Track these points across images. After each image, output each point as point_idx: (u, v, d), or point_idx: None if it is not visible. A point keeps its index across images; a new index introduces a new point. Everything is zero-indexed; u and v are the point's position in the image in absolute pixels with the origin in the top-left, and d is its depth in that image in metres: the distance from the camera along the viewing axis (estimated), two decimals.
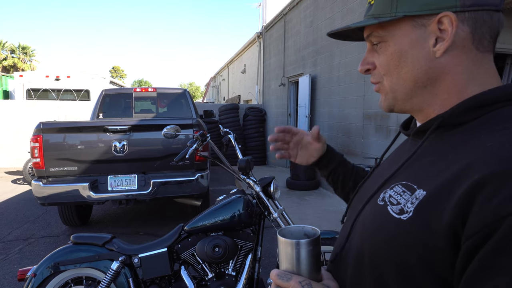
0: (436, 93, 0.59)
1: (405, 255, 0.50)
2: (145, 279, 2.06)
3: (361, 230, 0.61)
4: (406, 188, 0.55)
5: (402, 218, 0.52)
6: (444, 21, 0.55)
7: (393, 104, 0.64)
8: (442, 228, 0.46)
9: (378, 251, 0.55)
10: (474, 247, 0.43)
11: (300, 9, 7.84)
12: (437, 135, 0.58)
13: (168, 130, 2.43)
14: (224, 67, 20.59)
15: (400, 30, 0.58)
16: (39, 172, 3.83)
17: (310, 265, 0.61)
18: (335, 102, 6.15)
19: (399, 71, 0.60)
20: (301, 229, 0.68)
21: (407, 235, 0.50)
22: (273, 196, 2.17)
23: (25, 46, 36.32)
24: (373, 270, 0.55)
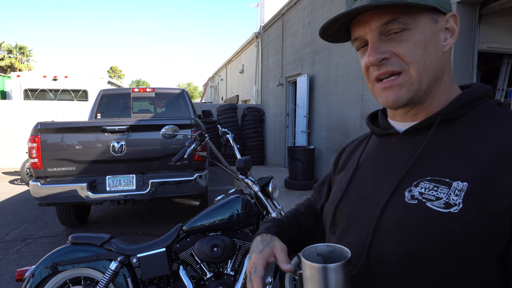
0: (439, 87, 0.63)
1: (465, 243, 0.52)
2: (144, 279, 2.06)
3: (400, 233, 0.57)
4: (438, 183, 0.56)
5: (453, 211, 0.53)
6: (451, 20, 0.61)
7: (414, 96, 0.62)
8: (500, 212, 0.50)
9: (437, 247, 0.54)
10: None
11: (298, 9, 7.85)
12: (436, 131, 0.61)
13: (166, 130, 2.43)
14: (222, 67, 20.58)
15: (422, 20, 0.60)
16: (37, 172, 3.82)
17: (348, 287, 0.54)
18: (333, 102, 6.16)
19: (425, 59, 0.60)
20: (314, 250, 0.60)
21: (464, 225, 0.52)
22: (271, 196, 2.18)
23: (22, 46, 36.19)
24: (433, 267, 0.54)
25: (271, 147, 9.84)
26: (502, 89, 4.55)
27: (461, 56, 3.47)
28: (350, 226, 0.67)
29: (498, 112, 0.59)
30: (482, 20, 3.49)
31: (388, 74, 0.61)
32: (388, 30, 0.60)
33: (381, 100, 0.64)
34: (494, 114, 0.59)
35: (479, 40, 3.50)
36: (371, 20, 0.61)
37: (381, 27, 0.60)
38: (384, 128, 0.71)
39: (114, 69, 55.50)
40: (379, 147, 0.72)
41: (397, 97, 0.62)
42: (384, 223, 0.60)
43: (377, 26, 0.60)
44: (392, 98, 0.62)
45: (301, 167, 6.42)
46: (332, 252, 0.59)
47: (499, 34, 3.74)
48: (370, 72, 0.64)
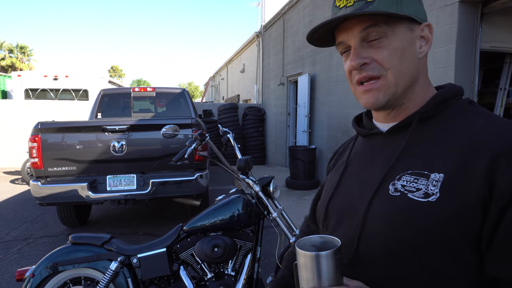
0: (415, 90, 0.69)
1: (444, 229, 0.57)
2: (144, 279, 2.06)
3: (385, 224, 0.63)
4: (418, 176, 0.62)
5: (431, 200, 0.59)
6: (425, 29, 0.67)
7: (391, 98, 0.68)
8: (472, 199, 0.56)
9: (416, 235, 0.59)
10: (504, 206, 0.54)
11: (299, 8, 7.83)
12: (415, 128, 0.67)
13: (167, 130, 2.42)
14: (223, 66, 20.57)
15: (399, 29, 0.65)
16: (37, 172, 3.82)
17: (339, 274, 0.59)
18: (334, 102, 6.15)
19: (401, 65, 0.66)
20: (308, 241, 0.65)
21: (441, 212, 0.57)
22: (272, 195, 2.17)
23: (23, 46, 36.21)
24: (414, 254, 0.59)
25: (272, 147, 9.82)
26: (504, 88, 4.53)
27: (463, 55, 3.45)
28: (341, 220, 0.73)
29: (469, 109, 0.66)
30: (484, 19, 3.47)
31: (368, 78, 0.67)
32: (369, 36, 0.65)
33: (362, 102, 0.70)
34: (465, 111, 0.66)
35: (481, 39, 3.48)
36: (354, 27, 0.66)
37: (362, 31, 0.65)
38: (368, 129, 0.77)
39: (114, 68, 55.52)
40: (365, 146, 0.78)
41: (376, 99, 0.67)
42: (370, 215, 0.65)
43: (359, 31, 0.66)
44: (371, 100, 0.68)
45: (302, 166, 6.40)
46: (324, 242, 0.63)
47: (501, 33, 3.73)
48: (353, 75, 0.69)
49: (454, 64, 3.44)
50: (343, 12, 0.65)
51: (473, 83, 3.50)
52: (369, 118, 0.80)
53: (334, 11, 0.69)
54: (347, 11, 0.65)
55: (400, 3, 0.64)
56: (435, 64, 3.66)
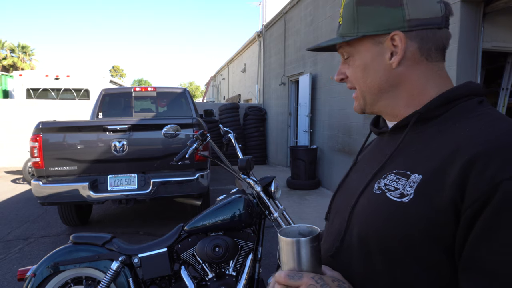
0: (399, 96, 0.70)
1: (412, 231, 0.56)
2: (145, 279, 2.05)
3: (363, 220, 0.65)
4: (400, 175, 0.63)
5: (404, 200, 0.59)
6: (396, 38, 0.66)
7: (364, 108, 0.74)
8: (443, 203, 0.54)
9: (386, 234, 0.60)
10: (474, 214, 0.51)
11: (300, 7, 7.82)
12: (414, 128, 0.67)
13: (168, 130, 2.42)
14: (224, 66, 20.57)
15: (363, 46, 0.69)
16: (38, 171, 3.82)
17: (314, 261, 0.63)
18: (336, 101, 6.14)
19: (364, 81, 0.71)
20: (296, 229, 0.70)
21: (412, 214, 0.57)
22: (273, 195, 2.16)
23: (24, 46, 36.26)
24: (383, 253, 0.61)
25: (273, 147, 9.82)
26: (506, 88, 4.52)
27: (465, 55, 3.44)
28: (337, 214, 0.77)
29: (475, 110, 0.64)
30: (486, 18, 3.46)
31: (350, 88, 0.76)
32: (343, 55, 0.74)
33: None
34: (470, 112, 0.63)
35: (483, 39, 3.47)
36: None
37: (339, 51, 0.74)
38: (380, 127, 0.79)
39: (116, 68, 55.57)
40: (375, 144, 0.81)
41: (355, 106, 0.77)
42: (355, 211, 0.68)
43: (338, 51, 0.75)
44: (354, 107, 0.77)
45: (303, 166, 6.40)
46: (310, 232, 0.68)
47: (503, 32, 3.71)
48: None
49: (456, 64, 3.43)
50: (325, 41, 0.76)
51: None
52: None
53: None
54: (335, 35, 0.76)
55: (357, 23, 0.68)
56: None
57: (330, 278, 0.63)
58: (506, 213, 0.49)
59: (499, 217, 0.49)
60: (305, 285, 0.61)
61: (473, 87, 0.67)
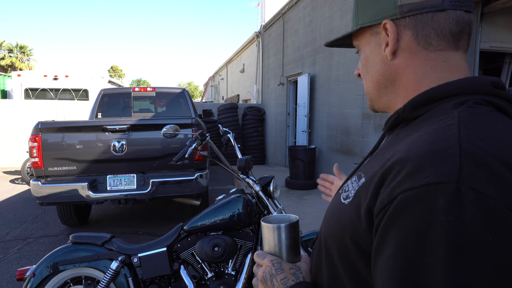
0: (397, 92, 0.64)
1: (343, 235, 0.56)
2: (145, 279, 2.06)
3: (324, 220, 0.67)
4: (357, 178, 0.60)
5: (345, 202, 0.58)
6: (388, 27, 0.60)
7: (372, 105, 0.71)
8: (364, 210, 0.51)
9: (329, 233, 0.61)
10: (377, 224, 0.48)
11: (298, 8, 7.84)
12: (396, 130, 0.64)
13: (167, 130, 2.42)
14: (223, 66, 20.56)
15: (365, 39, 0.66)
16: (37, 171, 3.82)
17: (288, 247, 0.68)
18: (334, 101, 6.15)
19: (366, 75, 0.68)
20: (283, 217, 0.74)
21: (345, 217, 0.56)
22: (272, 195, 2.17)
23: (23, 46, 36.18)
24: (325, 251, 0.62)
25: (272, 147, 9.83)
26: None
27: None
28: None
29: (444, 113, 0.54)
30: (483, 19, 3.48)
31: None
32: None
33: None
34: (444, 115, 0.54)
35: (481, 39, 3.49)
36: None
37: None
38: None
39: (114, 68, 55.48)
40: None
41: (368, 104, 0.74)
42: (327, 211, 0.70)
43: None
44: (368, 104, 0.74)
45: (302, 166, 6.41)
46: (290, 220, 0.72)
47: (500, 33, 3.73)
48: None
49: None
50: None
51: None
52: None
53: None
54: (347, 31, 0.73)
55: (357, 15, 0.66)
56: None
57: (290, 265, 0.67)
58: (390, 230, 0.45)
59: (385, 233, 0.46)
60: (264, 265, 0.68)
61: (466, 84, 0.57)
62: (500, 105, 0.55)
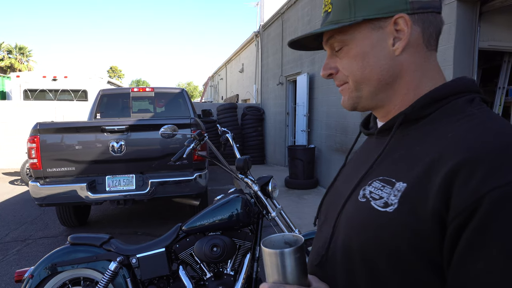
0: (397, 89, 0.64)
1: (396, 243, 0.53)
2: (143, 280, 2.06)
3: (347, 229, 0.62)
4: (385, 183, 0.59)
5: (388, 210, 0.55)
6: (400, 22, 0.60)
7: (357, 102, 0.67)
8: (428, 214, 0.50)
9: (369, 244, 0.57)
10: (460, 226, 0.47)
11: (297, 7, 7.83)
12: (401, 130, 0.63)
13: (165, 130, 2.42)
14: (222, 66, 20.56)
15: (360, 33, 0.62)
16: (36, 172, 3.81)
17: (299, 272, 0.59)
18: (333, 101, 6.15)
19: (362, 71, 0.63)
20: (281, 238, 0.66)
21: (396, 225, 0.53)
22: (271, 195, 2.17)
23: (22, 47, 36.17)
24: (365, 263, 0.57)
25: (271, 146, 9.82)
26: (503, 87, 4.54)
27: (462, 54, 3.45)
28: (326, 219, 0.72)
29: (463, 110, 0.58)
30: (482, 18, 3.47)
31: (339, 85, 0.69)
32: (333, 46, 0.66)
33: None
34: (457, 113, 0.58)
35: (480, 38, 3.49)
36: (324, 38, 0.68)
37: (326, 44, 0.67)
38: (370, 128, 0.75)
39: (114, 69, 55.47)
40: (364, 146, 0.77)
41: (344, 101, 0.69)
42: (340, 218, 0.65)
43: (325, 45, 0.68)
44: (343, 102, 0.69)
45: (301, 166, 6.40)
46: (296, 241, 0.63)
47: (499, 32, 3.73)
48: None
49: (452, 63, 3.44)
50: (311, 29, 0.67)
51: None
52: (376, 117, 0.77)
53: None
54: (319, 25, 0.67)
55: (353, 8, 0.61)
56: None
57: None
58: (490, 230, 0.44)
59: (483, 234, 0.45)
60: None
61: (465, 83, 0.61)
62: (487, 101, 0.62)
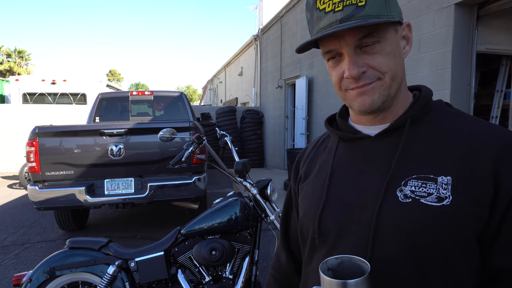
0: (401, 91, 0.69)
1: (461, 231, 0.59)
2: (142, 283, 2.05)
3: (400, 233, 0.61)
4: (425, 180, 0.62)
5: (445, 203, 0.59)
6: (406, 29, 0.68)
7: (386, 100, 0.66)
8: (483, 198, 0.58)
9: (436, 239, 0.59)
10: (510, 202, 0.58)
11: (296, 11, 7.86)
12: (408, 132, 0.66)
13: (164, 133, 2.42)
14: (221, 69, 20.59)
15: (388, 32, 0.64)
16: (35, 176, 3.80)
17: None
18: (332, 104, 6.16)
19: (396, 68, 0.65)
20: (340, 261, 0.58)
21: (458, 215, 0.59)
22: (270, 198, 2.17)
23: (21, 50, 36.17)
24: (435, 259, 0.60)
25: (270, 150, 9.82)
26: (501, 90, 4.55)
27: (460, 57, 3.47)
28: (343, 232, 0.67)
29: (449, 110, 0.69)
30: (480, 21, 3.49)
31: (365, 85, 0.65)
32: (362, 43, 0.63)
33: (357, 105, 0.66)
34: (448, 112, 0.68)
35: (477, 41, 3.50)
36: (346, 35, 0.62)
37: (357, 41, 0.63)
38: (351, 133, 0.73)
39: (113, 72, 55.51)
40: (351, 151, 0.72)
41: (372, 101, 0.65)
42: (382, 225, 0.62)
43: (353, 41, 0.62)
44: (368, 102, 0.65)
45: None
46: (341, 263, 0.57)
47: (497, 35, 3.75)
48: (346, 83, 0.66)
49: (450, 67, 3.45)
50: (330, 20, 0.62)
51: (470, 85, 3.51)
52: (344, 120, 0.76)
53: (316, 15, 0.64)
54: (337, 17, 0.61)
55: (389, 6, 0.63)
56: (432, 66, 3.68)
57: None
58: None
59: None
60: None
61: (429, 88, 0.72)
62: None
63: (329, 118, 0.83)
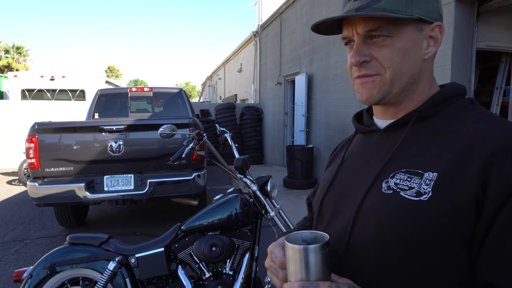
0: (416, 89, 0.69)
1: (436, 229, 0.56)
2: (142, 279, 2.06)
3: (376, 221, 0.62)
4: (411, 174, 0.62)
5: (423, 199, 0.58)
6: (436, 29, 0.66)
7: (386, 97, 0.68)
8: (465, 198, 0.55)
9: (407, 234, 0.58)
10: (498, 206, 0.53)
11: (296, 7, 7.84)
12: (412, 127, 0.67)
13: (164, 130, 2.42)
14: (220, 66, 20.54)
15: (406, 29, 0.64)
16: (34, 172, 3.80)
17: (325, 269, 0.59)
18: (332, 101, 6.16)
19: (402, 66, 0.65)
20: (300, 236, 0.64)
21: (434, 212, 0.57)
22: (270, 195, 2.17)
23: (19, 46, 36.02)
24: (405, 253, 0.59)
25: (269, 146, 9.83)
26: (501, 87, 4.55)
27: (460, 54, 3.46)
28: (335, 215, 0.73)
29: (469, 109, 0.66)
30: (480, 18, 3.49)
31: (366, 76, 0.68)
32: (373, 35, 0.65)
33: (358, 95, 0.70)
34: (465, 111, 0.66)
35: (477, 38, 3.50)
36: (358, 24, 0.66)
37: (367, 32, 0.65)
38: (367, 126, 0.77)
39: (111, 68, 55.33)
40: (363, 143, 0.78)
41: (369, 94, 0.68)
42: (362, 212, 0.65)
43: (363, 31, 0.65)
44: (365, 95, 0.68)
45: (299, 166, 6.41)
46: (315, 238, 0.63)
47: (497, 32, 3.74)
48: (353, 71, 0.70)
49: (450, 63, 3.45)
50: (349, 7, 0.66)
51: (470, 82, 3.51)
52: (370, 115, 0.80)
53: (344, 0, 0.70)
54: (354, 5, 0.65)
55: (410, 3, 0.63)
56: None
57: (345, 285, 0.60)
58: None
59: None
60: None
61: (460, 87, 0.70)
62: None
63: (358, 112, 0.86)
